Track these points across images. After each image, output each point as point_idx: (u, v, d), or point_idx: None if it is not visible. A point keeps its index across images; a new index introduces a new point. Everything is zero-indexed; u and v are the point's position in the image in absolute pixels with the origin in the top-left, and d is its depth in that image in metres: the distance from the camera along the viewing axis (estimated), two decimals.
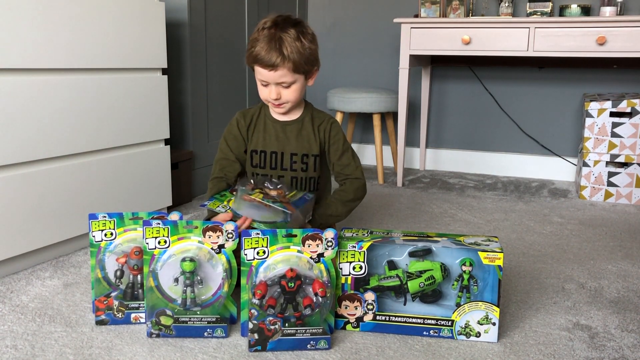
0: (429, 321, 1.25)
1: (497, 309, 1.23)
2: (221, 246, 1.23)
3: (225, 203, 1.42)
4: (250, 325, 1.16)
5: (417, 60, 2.80)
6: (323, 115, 1.63)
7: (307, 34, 1.48)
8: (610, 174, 2.48)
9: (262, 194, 1.37)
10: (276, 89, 1.49)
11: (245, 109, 1.66)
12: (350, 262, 1.24)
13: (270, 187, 1.41)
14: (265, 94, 1.51)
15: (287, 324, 1.17)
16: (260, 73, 1.47)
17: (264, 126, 1.59)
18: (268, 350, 1.18)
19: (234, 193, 1.47)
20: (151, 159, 2.01)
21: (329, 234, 1.20)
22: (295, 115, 1.60)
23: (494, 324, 1.23)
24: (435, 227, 2.08)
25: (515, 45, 2.47)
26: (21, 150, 1.54)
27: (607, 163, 2.49)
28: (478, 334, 1.24)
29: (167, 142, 2.23)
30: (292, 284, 1.16)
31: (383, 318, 1.26)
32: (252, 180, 1.43)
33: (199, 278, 1.22)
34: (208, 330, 1.23)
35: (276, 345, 1.17)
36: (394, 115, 2.94)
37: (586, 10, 2.66)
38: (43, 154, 1.61)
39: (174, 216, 1.27)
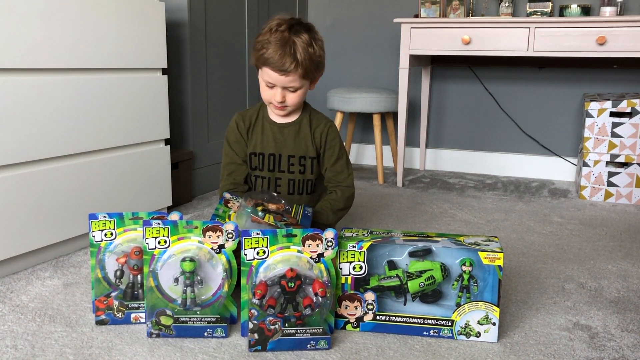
0: (429, 321, 1.25)
1: (497, 309, 1.23)
2: (221, 246, 1.23)
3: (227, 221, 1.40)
4: (250, 325, 1.17)
5: (417, 60, 2.80)
6: (321, 118, 1.62)
7: (318, 40, 1.48)
8: (610, 174, 2.48)
9: (266, 211, 1.35)
10: (282, 93, 1.48)
11: (243, 110, 1.66)
12: (350, 262, 1.24)
13: (268, 200, 1.40)
14: (269, 95, 1.50)
15: (287, 324, 1.17)
16: (269, 75, 1.46)
17: (262, 128, 1.59)
18: (268, 350, 1.18)
19: (229, 205, 1.45)
20: (151, 159, 2.01)
21: (329, 234, 1.20)
22: (293, 117, 1.60)
23: (494, 324, 1.23)
24: (435, 227, 2.08)
25: (515, 45, 2.47)
26: (21, 150, 1.54)
27: (607, 163, 2.49)
28: (478, 334, 1.24)
29: (167, 142, 2.23)
30: (292, 284, 1.16)
31: (383, 318, 1.26)
32: (250, 197, 1.39)
33: (199, 278, 1.22)
34: (208, 330, 1.23)
35: (276, 345, 1.17)
36: (394, 115, 2.94)
37: (586, 10, 2.66)
38: (43, 154, 1.61)
39: (174, 216, 1.27)
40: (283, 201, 1.41)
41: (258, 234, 1.19)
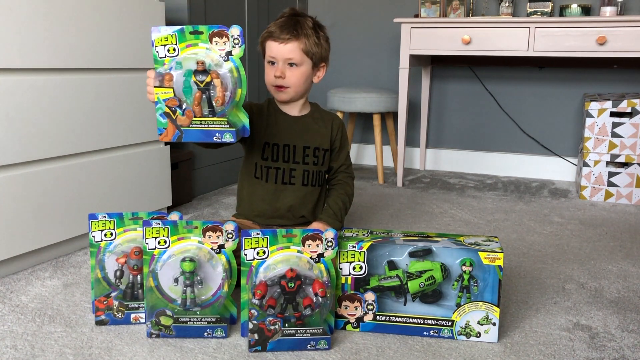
0: (429, 321, 1.25)
1: (497, 309, 1.23)
2: (221, 246, 1.22)
3: (166, 61, 1.22)
4: (250, 326, 1.16)
5: (417, 60, 2.80)
6: (331, 113, 1.67)
7: (323, 29, 1.55)
8: (611, 174, 2.48)
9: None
10: (282, 68, 1.49)
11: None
12: (350, 262, 1.24)
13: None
14: (271, 74, 1.51)
15: (287, 324, 1.17)
16: (270, 48, 1.49)
17: (275, 119, 1.58)
18: (268, 351, 1.17)
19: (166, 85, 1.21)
20: (151, 159, 2.01)
21: (329, 234, 1.19)
22: (304, 112, 1.62)
23: (494, 324, 1.23)
24: (435, 227, 2.08)
25: (515, 45, 2.47)
26: (21, 150, 1.54)
27: (608, 163, 2.49)
28: (478, 334, 1.24)
29: (167, 142, 2.23)
30: (292, 284, 1.16)
31: (383, 318, 1.26)
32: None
33: (198, 278, 1.22)
34: (208, 330, 1.23)
35: (276, 345, 1.17)
36: (394, 115, 2.93)
37: (586, 10, 2.66)
38: (43, 154, 1.61)
39: (174, 216, 1.27)
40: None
41: (258, 234, 1.18)
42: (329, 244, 1.20)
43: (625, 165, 2.47)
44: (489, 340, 1.24)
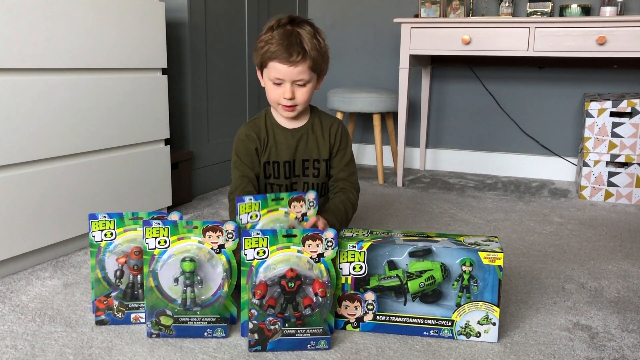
0: (429, 321, 1.25)
1: (497, 309, 1.23)
2: (221, 246, 1.23)
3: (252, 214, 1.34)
4: (250, 325, 1.16)
5: (417, 60, 2.80)
6: (331, 117, 1.60)
7: (321, 32, 1.48)
8: (611, 174, 2.48)
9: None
10: (291, 88, 1.43)
11: (248, 121, 1.57)
12: (350, 262, 1.24)
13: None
14: (277, 94, 1.45)
15: (287, 324, 1.17)
16: (277, 70, 1.41)
17: (274, 136, 1.54)
18: (268, 351, 1.18)
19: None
20: (151, 159, 2.01)
21: (329, 234, 1.19)
22: (303, 121, 1.56)
23: (494, 324, 1.23)
24: (435, 227, 2.08)
25: (515, 45, 2.47)
26: (21, 150, 1.54)
27: (607, 163, 2.49)
28: (478, 334, 1.24)
29: (167, 142, 2.23)
30: (292, 284, 1.16)
31: (383, 318, 1.26)
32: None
33: (199, 278, 1.22)
34: (208, 330, 1.23)
35: (276, 345, 1.17)
36: (394, 115, 2.94)
37: (586, 10, 2.66)
38: (43, 154, 1.61)
39: (174, 216, 1.27)
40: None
41: (258, 234, 1.18)
42: (329, 244, 1.20)
43: (625, 165, 2.47)
44: (488, 340, 1.24)
